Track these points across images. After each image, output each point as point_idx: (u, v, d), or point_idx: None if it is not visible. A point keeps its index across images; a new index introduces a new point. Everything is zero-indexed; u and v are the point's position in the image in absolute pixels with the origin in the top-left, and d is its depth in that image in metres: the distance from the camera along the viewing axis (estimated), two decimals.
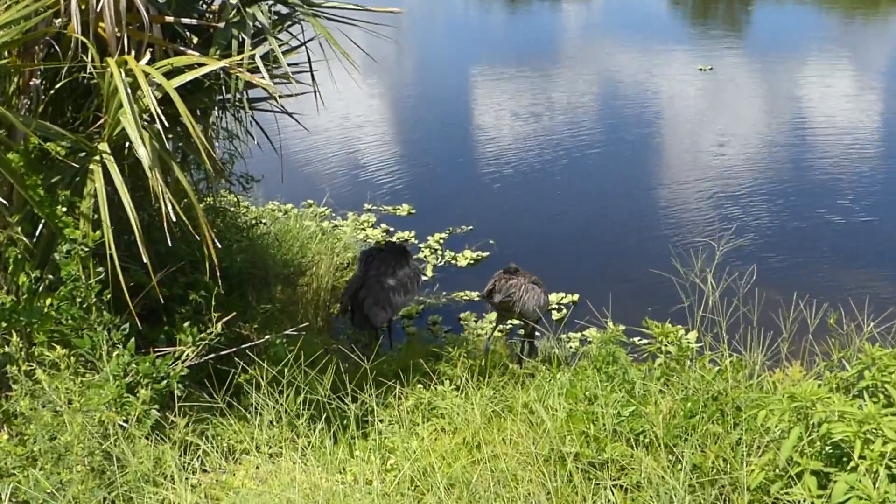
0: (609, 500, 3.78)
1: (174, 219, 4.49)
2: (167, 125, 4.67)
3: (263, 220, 8.46)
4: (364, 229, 11.18)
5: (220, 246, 5.09)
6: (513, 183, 12.98)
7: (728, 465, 3.97)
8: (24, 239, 4.75)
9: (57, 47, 4.98)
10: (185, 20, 5.26)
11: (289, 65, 5.33)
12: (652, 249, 9.84)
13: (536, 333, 7.73)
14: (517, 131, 14.71)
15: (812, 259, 8.82)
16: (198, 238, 4.82)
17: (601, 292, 8.74)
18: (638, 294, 8.87)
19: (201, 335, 4.98)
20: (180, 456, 4.32)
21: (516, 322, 8.59)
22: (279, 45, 5.33)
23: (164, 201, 4.45)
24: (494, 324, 8.55)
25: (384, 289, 7.52)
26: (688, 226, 10.40)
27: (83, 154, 4.89)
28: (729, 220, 10.26)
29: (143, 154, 4.54)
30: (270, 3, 5.60)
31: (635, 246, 10.16)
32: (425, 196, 12.78)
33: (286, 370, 4.84)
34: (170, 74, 4.82)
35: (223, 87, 5.28)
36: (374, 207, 12.11)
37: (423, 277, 9.77)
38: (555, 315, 8.74)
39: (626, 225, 10.74)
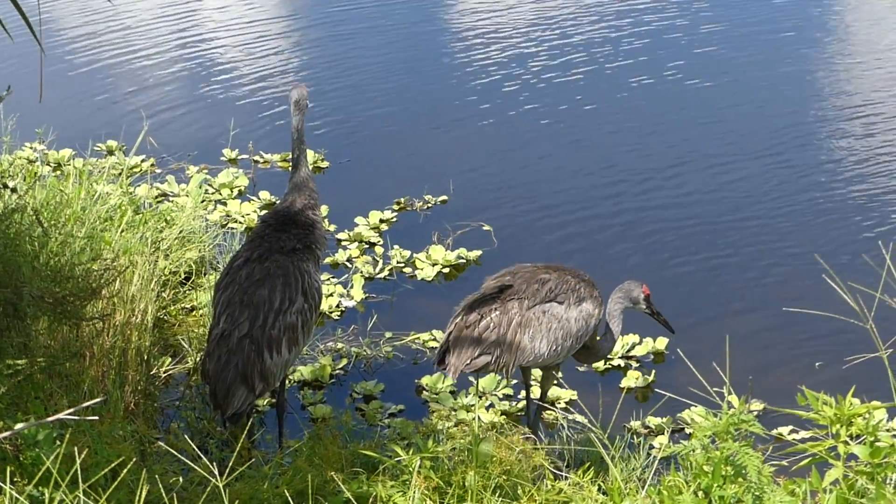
0: None
1: None
2: None
3: (9, 183, 8.35)
4: (224, 202, 11.40)
5: None
6: (520, 117, 13.76)
7: None
8: None
9: None
10: None
11: None
12: (790, 255, 10.57)
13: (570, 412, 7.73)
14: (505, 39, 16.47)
15: None
16: None
17: (710, 333, 9.12)
18: (780, 337, 9.37)
19: None
20: None
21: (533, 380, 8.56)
22: None
23: None
24: (481, 394, 8.45)
25: (255, 343, 7.45)
26: (835, 220, 11.20)
27: None
28: None
29: None
30: None
31: (764, 247, 10.76)
32: (351, 137, 13.33)
33: (52, 493, 4.76)
34: None
35: None
36: (246, 156, 12.52)
37: (348, 303, 9.74)
38: (627, 378, 8.86)
39: (740, 213, 11.46)
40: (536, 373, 8.29)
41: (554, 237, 10.86)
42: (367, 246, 10.58)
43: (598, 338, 7.91)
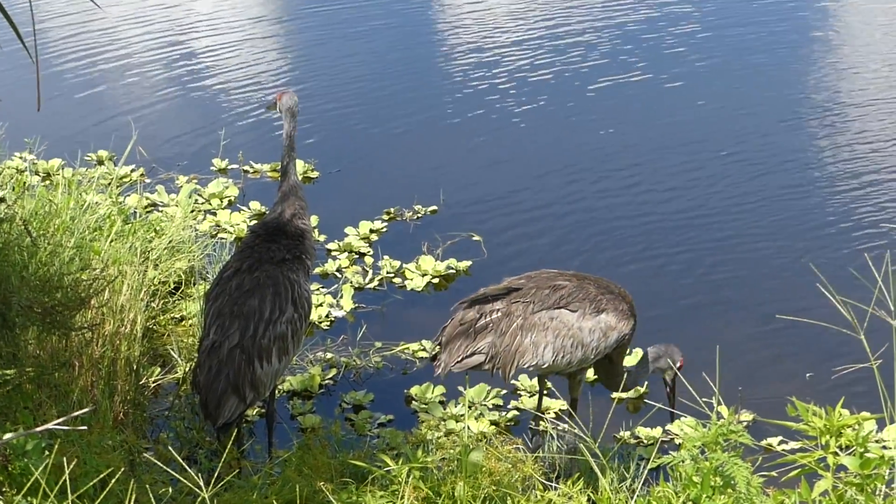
0: None
1: None
2: None
3: None
4: (214, 212, 11.39)
5: None
6: (509, 127, 13.84)
7: None
8: None
9: None
10: None
11: None
12: (778, 266, 10.60)
13: (564, 427, 7.71)
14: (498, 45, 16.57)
15: None
16: None
17: (699, 343, 9.13)
18: (769, 348, 9.38)
19: None
20: None
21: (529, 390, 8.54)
22: None
23: None
24: (471, 401, 8.44)
25: (245, 353, 7.47)
26: (822, 229, 11.25)
27: None
28: None
29: None
30: None
31: (754, 257, 10.82)
32: (341, 147, 13.38)
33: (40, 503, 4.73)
34: None
35: None
36: (236, 167, 12.57)
37: (338, 313, 9.74)
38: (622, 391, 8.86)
39: (730, 223, 11.51)
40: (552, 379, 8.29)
41: (544, 247, 10.86)
42: (356, 256, 10.57)
43: (625, 364, 7.86)
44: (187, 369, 8.54)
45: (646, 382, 8.76)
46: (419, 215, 11.30)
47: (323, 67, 15.63)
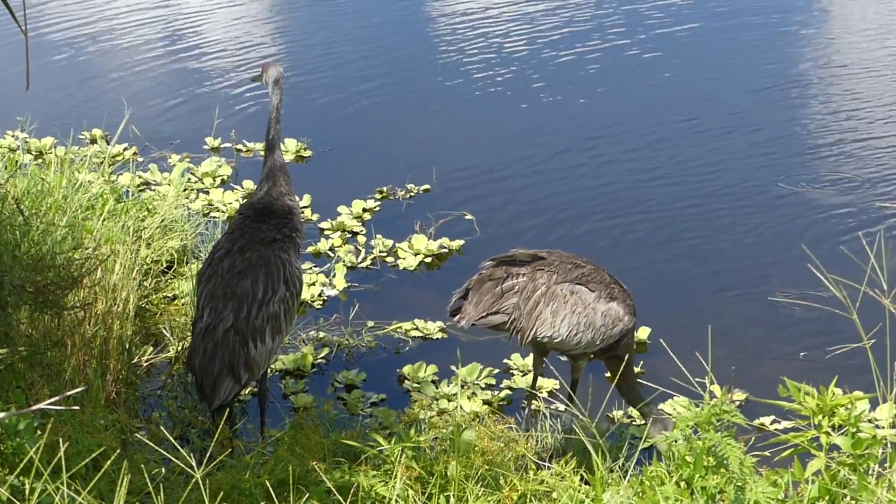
0: None
1: None
2: None
3: None
4: (207, 191, 11.42)
5: None
6: (500, 103, 13.85)
7: None
8: None
9: None
10: None
11: None
12: (772, 246, 10.59)
13: (562, 409, 7.74)
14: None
15: None
16: None
17: (692, 323, 9.15)
18: (763, 327, 9.42)
19: None
20: None
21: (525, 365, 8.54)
22: None
23: None
24: (462, 382, 8.44)
25: (239, 334, 7.49)
26: (815, 208, 11.24)
27: None
28: None
29: None
30: None
31: (747, 237, 10.84)
32: (333, 124, 13.46)
33: (32, 483, 4.74)
34: None
35: None
36: (229, 145, 12.60)
37: (330, 292, 9.74)
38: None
39: (721, 200, 11.53)
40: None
41: (537, 226, 10.86)
42: (349, 235, 10.56)
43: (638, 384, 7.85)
44: (179, 348, 8.54)
45: (641, 362, 8.79)
46: (412, 194, 11.29)
47: (317, 46, 15.61)
